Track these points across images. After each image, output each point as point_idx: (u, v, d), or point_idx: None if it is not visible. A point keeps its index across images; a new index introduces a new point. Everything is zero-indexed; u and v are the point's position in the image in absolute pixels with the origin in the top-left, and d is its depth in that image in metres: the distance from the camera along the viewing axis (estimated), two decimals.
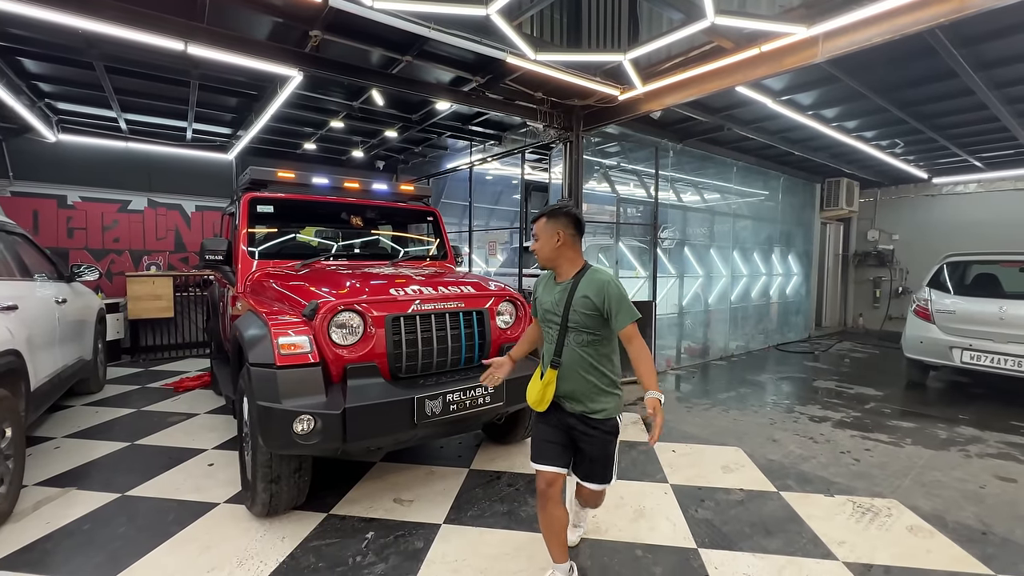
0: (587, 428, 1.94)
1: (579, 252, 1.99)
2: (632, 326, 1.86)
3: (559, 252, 1.95)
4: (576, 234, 1.97)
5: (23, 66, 4.40)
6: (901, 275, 9.58)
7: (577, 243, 1.98)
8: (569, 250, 1.96)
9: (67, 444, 3.65)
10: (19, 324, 2.90)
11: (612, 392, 1.94)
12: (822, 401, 5.02)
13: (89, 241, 6.65)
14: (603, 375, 1.92)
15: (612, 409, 1.93)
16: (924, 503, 2.90)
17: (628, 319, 1.85)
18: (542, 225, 1.96)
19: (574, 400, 1.95)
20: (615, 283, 1.87)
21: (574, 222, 1.96)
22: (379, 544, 2.43)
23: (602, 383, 1.92)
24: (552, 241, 1.94)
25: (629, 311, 1.85)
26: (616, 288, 1.85)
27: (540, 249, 1.98)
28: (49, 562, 2.25)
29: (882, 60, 4.00)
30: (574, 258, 1.97)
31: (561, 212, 1.95)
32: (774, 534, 2.55)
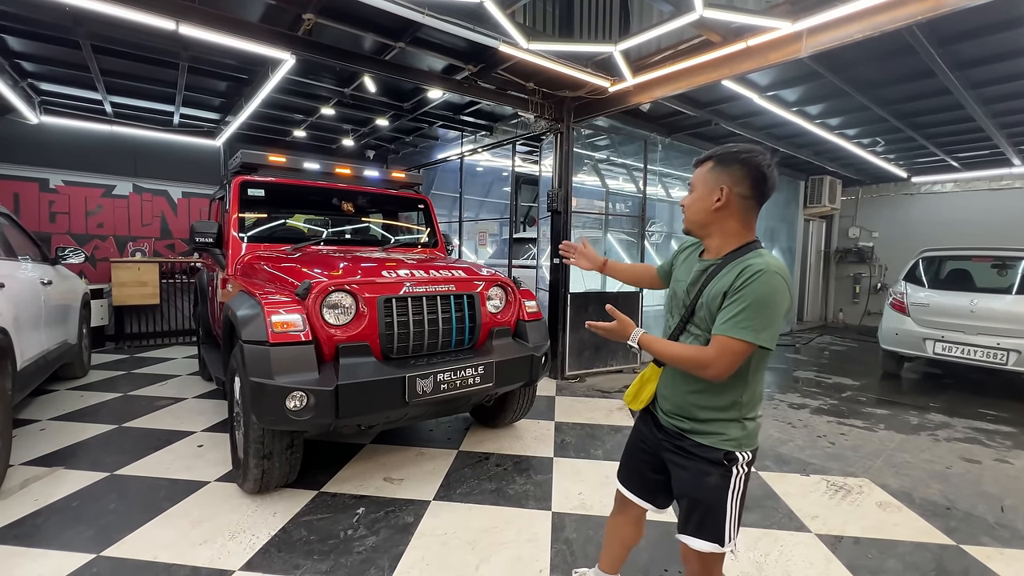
0: (680, 453, 1.41)
1: (748, 225, 1.35)
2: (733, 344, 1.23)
3: (716, 217, 1.35)
4: (752, 197, 1.32)
5: (6, 44, 4.31)
6: (880, 271, 9.85)
7: (750, 212, 1.34)
8: (732, 219, 1.34)
9: (53, 426, 3.63)
10: (5, 302, 2.88)
11: (730, 419, 1.35)
12: (801, 390, 5.17)
13: (72, 226, 6.54)
14: (718, 396, 1.34)
15: (726, 439, 1.34)
16: (893, 481, 3.04)
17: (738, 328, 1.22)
18: (704, 173, 1.37)
19: (672, 414, 1.45)
20: (768, 281, 1.21)
21: (754, 179, 1.30)
22: (370, 519, 2.48)
23: (715, 405, 1.35)
24: (710, 199, 1.34)
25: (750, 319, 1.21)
26: (766, 283, 1.21)
27: (690, 206, 1.40)
28: (40, 536, 2.27)
29: (864, 58, 4.12)
30: (738, 231, 1.35)
31: (738, 159, 1.32)
32: (751, 509, 2.66)
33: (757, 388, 1.38)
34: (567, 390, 4.89)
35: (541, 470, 3.09)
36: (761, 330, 1.22)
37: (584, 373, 5.42)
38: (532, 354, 3.12)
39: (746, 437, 1.37)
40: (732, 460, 1.35)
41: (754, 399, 1.38)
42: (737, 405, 1.35)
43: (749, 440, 1.38)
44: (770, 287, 1.22)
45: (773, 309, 1.23)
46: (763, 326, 1.22)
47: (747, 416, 1.37)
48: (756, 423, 1.40)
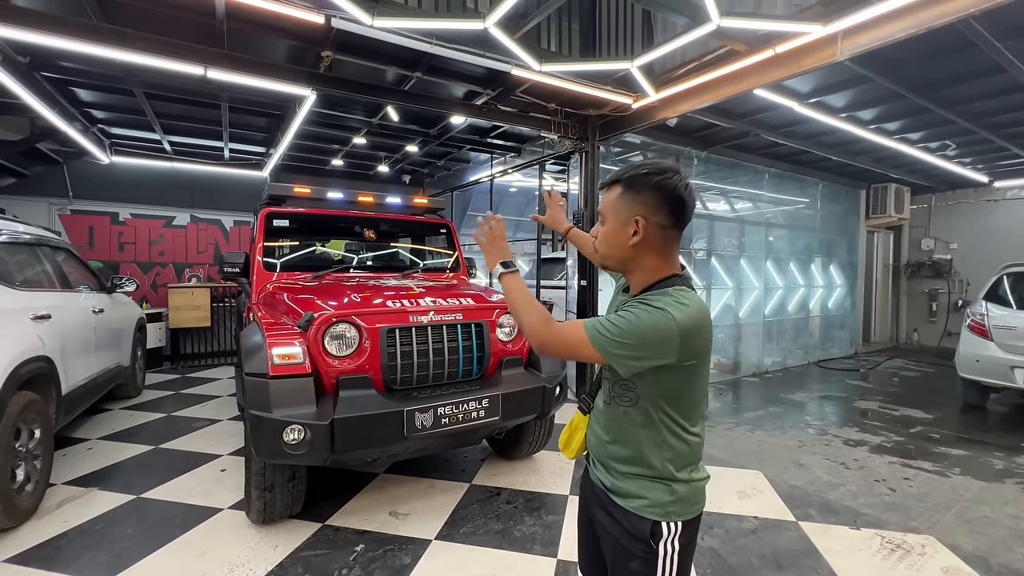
0: (605, 512, 1.21)
1: (668, 258, 1.16)
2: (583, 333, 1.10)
3: (634, 252, 1.15)
4: (672, 226, 1.12)
5: (76, 95, 4.81)
6: (960, 287, 8.83)
7: (670, 243, 1.15)
8: (651, 254, 1.14)
9: (99, 446, 3.87)
10: (52, 333, 3.11)
11: (653, 479, 1.14)
12: (861, 423, 4.64)
13: (137, 254, 7.13)
14: (635, 449, 1.15)
15: (648, 504, 1.13)
16: (966, 541, 2.60)
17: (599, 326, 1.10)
18: (613, 201, 1.15)
19: (596, 463, 1.27)
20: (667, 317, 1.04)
21: (672, 204, 1.10)
22: (367, 558, 2.41)
23: (633, 459, 1.16)
24: (625, 232, 1.13)
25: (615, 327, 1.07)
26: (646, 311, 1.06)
27: (603, 240, 1.19)
28: (59, 559, 2.37)
29: (916, 57, 3.73)
30: (657, 266, 1.15)
31: (650, 184, 1.10)
32: (785, 568, 2.35)
33: (688, 444, 1.14)
34: None
35: (553, 510, 2.92)
36: (611, 341, 1.06)
37: None
38: (544, 385, 2.98)
39: (676, 503, 1.13)
40: (654, 533, 1.12)
41: (685, 455, 1.14)
42: (661, 461, 1.13)
43: (681, 507, 1.13)
44: (648, 316, 1.05)
45: (640, 336, 1.05)
46: (611, 336, 1.06)
47: (677, 477, 1.13)
48: (692, 486, 1.15)
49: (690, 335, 1.06)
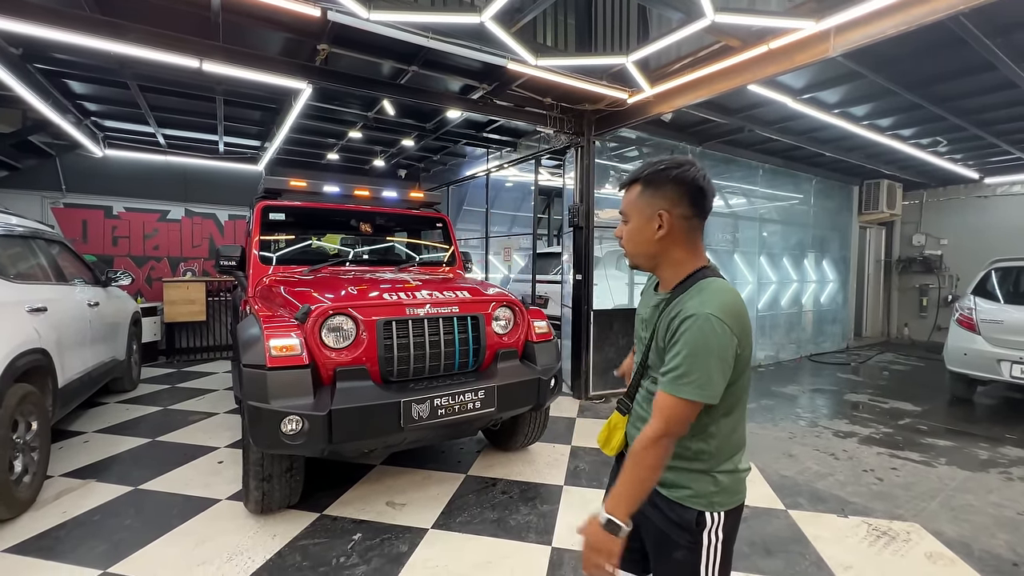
0: (653, 507, 1.21)
1: (694, 250, 1.18)
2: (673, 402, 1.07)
3: (661, 247, 1.17)
4: (695, 216, 1.15)
5: (69, 87, 4.77)
6: (951, 282, 8.93)
7: (694, 233, 1.17)
8: (677, 247, 1.17)
9: (96, 439, 3.88)
10: (47, 325, 3.12)
11: (697, 471, 1.16)
12: (851, 415, 4.72)
13: (132, 248, 7.10)
14: (679, 445, 1.15)
15: (693, 494, 1.15)
16: (949, 528, 2.67)
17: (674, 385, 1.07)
18: (634, 199, 1.19)
19: None
20: (702, 329, 1.05)
21: (692, 195, 1.13)
22: (364, 546, 2.45)
23: (678, 454, 1.16)
24: (650, 228, 1.16)
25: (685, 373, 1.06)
26: (699, 329, 1.06)
27: (629, 239, 1.21)
28: (58, 549, 2.39)
29: (908, 53, 3.77)
30: (685, 258, 1.18)
31: (669, 177, 1.13)
32: (774, 554, 2.41)
33: (732, 435, 1.17)
34: (590, 411, 4.71)
35: (548, 499, 2.96)
36: (704, 385, 1.05)
37: (610, 393, 5.21)
38: (539, 377, 3.02)
39: (719, 494, 1.16)
40: (699, 523, 1.15)
41: (727, 448, 1.17)
42: (704, 455, 1.16)
43: (724, 497, 1.16)
44: (701, 332, 1.05)
45: (704, 357, 1.05)
46: (705, 380, 1.05)
47: (719, 468, 1.16)
48: (734, 476, 1.18)
49: (738, 323, 1.08)
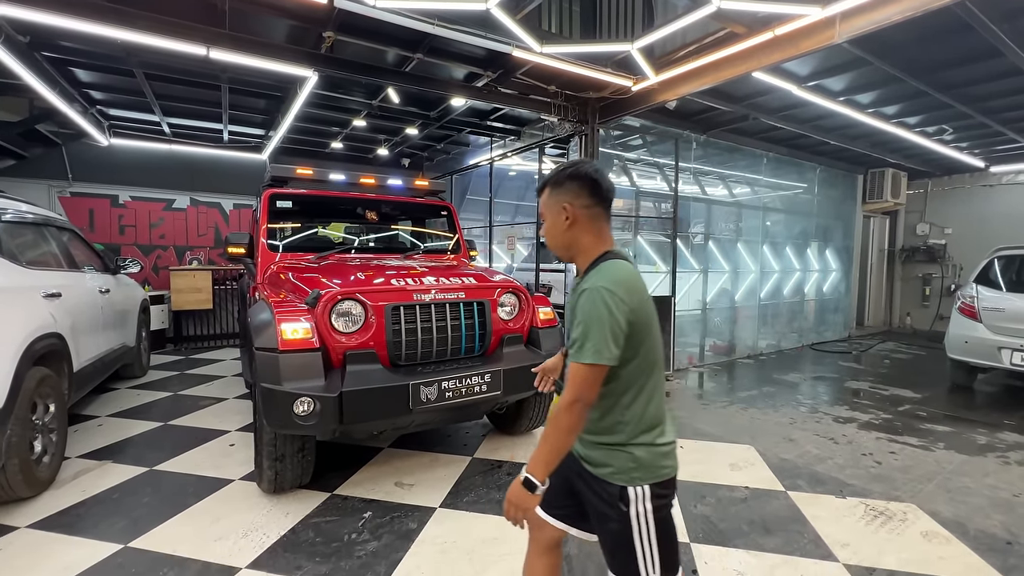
0: (586, 485, 1.32)
1: (600, 235, 1.31)
2: (578, 368, 1.17)
3: (571, 236, 1.31)
4: (595, 204, 1.29)
5: (75, 76, 4.79)
6: (954, 272, 8.94)
7: (599, 220, 1.31)
8: (584, 233, 1.30)
9: (109, 422, 3.97)
10: (62, 310, 3.18)
11: (614, 446, 1.25)
12: (851, 402, 4.77)
13: (138, 237, 7.16)
14: (594, 419, 1.27)
15: (614, 471, 1.25)
16: (945, 509, 2.73)
17: (577, 353, 1.17)
18: (546, 200, 1.35)
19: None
20: (594, 299, 1.18)
21: (589, 186, 1.28)
22: (375, 524, 2.52)
23: (595, 429, 1.27)
24: (560, 220, 1.30)
25: (583, 341, 1.17)
26: (590, 301, 1.18)
27: (548, 234, 1.36)
28: (80, 525, 2.48)
29: (913, 40, 3.76)
30: (591, 244, 1.30)
31: (567, 175, 1.30)
32: (773, 533, 2.47)
33: (645, 411, 1.24)
34: None
35: None
36: (600, 349, 1.15)
37: None
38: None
39: (638, 469, 1.22)
40: (624, 498, 1.22)
41: (641, 423, 1.24)
42: (620, 428, 1.23)
43: (644, 472, 1.22)
44: (592, 302, 1.18)
45: (597, 324, 1.16)
46: (601, 344, 1.15)
47: (635, 442, 1.23)
48: (652, 451, 1.23)
49: (628, 294, 1.19)
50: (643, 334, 1.22)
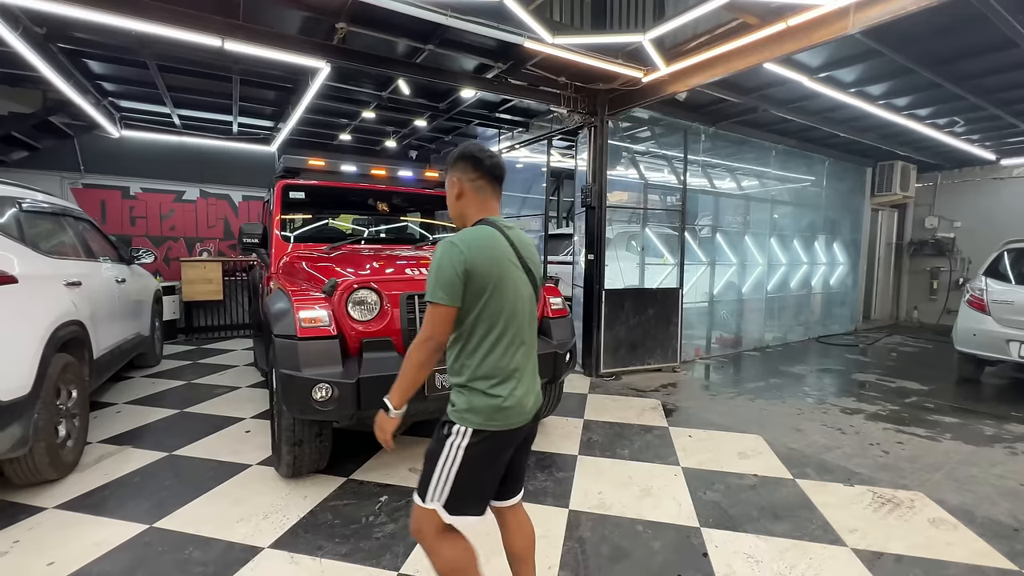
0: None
1: (482, 206, 1.50)
2: (427, 308, 1.37)
3: (461, 207, 1.52)
4: (478, 178, 1.48)
5: (88, 67, 4.83)
6: (962, 265, 8.90)
7: (482, 192, 1.50)
8: (470, 205, 1.50)
9: (127, 409, 4.05)
10: (83, 299, 3.24)
11: (458, 386, 1.45)
12: (858, 394, 4.80)
13: (149, 228, 7.23)
14: (452, 362, 1.47)
15: (453, 408, 1.45)
16: (953, 497, 2.76)
17: (427, 296, 1.37)
18: (446, 179, 1.56)
19: None
20: (441, 249, 1.37)
21: (472, 162, 1.47)
22: (391, 507, 2.58)
23: (451, 373, 1.48)
24: (453, 194, 1.52)
25: (428, 283, 1.37)
26: (438, 251, 1.38)
27: (449, 208, 1.58)
28: (105, 506, 2.55)
29: (928, 30, 3.74)
30: (475, 214, 1.50)
31: (454, 157, 1.51)
32: (783, 518, 2.52)
33: (484, 360, 1.40)
34: (600, 388, 4.82)
35: (564, 467, 3.08)
36: (441, 289, 1.34)
37: (620, 371, 5.31)
38: (556, 351, 3.11)
39: (470, 411, 1.39)
40: (448, 429, 1.42)
41: (481, 368, 1.40)
42: (463, 370, 1.42)
43: (473, 416, 1.39)
44: (438, 252, 1.38)
45: (436, 270, 1.36)
46: (443, 285, 1.34)
47: (472, 386, 1.40)
48: (486, 400, 1.39)
49: (467, 249, 1.35)
50: (483, 288, 1.37)
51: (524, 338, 1.48)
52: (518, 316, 1.45)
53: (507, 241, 1.45)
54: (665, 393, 4.69)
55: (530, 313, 1.52)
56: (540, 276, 1.60)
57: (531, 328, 1.53)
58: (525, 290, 1.49)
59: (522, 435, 1.52)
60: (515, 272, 1.45)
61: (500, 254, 1.42)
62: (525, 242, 1.55)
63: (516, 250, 1.47)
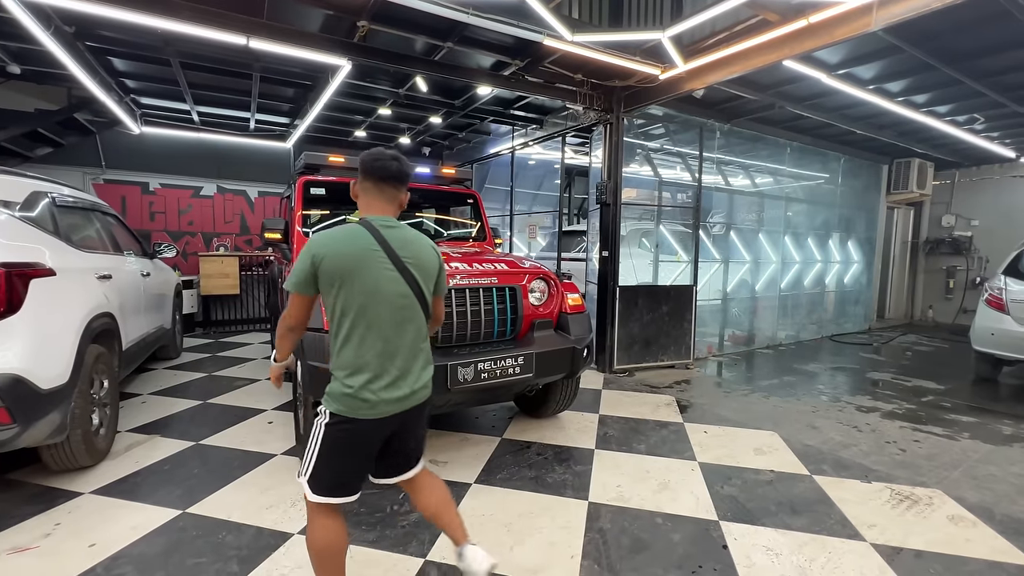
0: None
1: (365, 206, 1.64)
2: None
3: (360, 207, 1.67)
4: (365, 180, 1.63)
5: (113, 65, 4.92)
6: (980, 264, 8.79)
7: (368, 194, 1.64)
8: (362, 204, 1.66)
9: (152, 400, 4.15)
10: (113, 292, 3.33)
11: (333, 373, 1.60)
12: (873, 392, 4.79)
13: (168, 223, 7.36)
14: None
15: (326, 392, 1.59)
16: (972, 495, 2.77)
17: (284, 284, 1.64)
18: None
19: None
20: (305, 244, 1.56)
21: (362, 169, 1.62)
22: None
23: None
24: (353, 196, 1.69)
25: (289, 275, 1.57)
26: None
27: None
28: (138, 492, 2.64)
29: (949, 27, 3.71)
30: (362, 213, 1.65)
31: (358, 162, 1.65)
32: (800, 513, 2.54)
33: (341, 353, 1.54)
34: (614, 384, 4.85)
35: (581, 461, 3.13)
36: (293, 280, 1.53)
37: (633, 367, 5.34)
38: (574, 346, 3.15)
39: (329, 396, 1.55)
40: (317, 410, 1.60)
41: (339, 360, 1.54)
42: (331, 357, 1.58)
43: (330, 401, 1.55)
44: (304, 247, 1.54)
45: (296, 262, 1.54)
46: (294, 277, 1.53)
47: (334, 373, 1.57)
48: (341, 388, 1.52)
49: (320, 247, 1.50)
50: (332, 282, 1.50)
51: (385, 333, 1.54)
52: (375, 311, 1.52)
53: (377, 239, 1.54)
54: (679, 390, 4.71)
55: (400, 309, 1.57)
56: (426, 276, 1.66)
57: (401, 326, 1.58)
58: (391, 287, 1.55)
59: (388, 426, 1.59)
60: (378, 270, 1.53)
61: (356, 251, 1.51)
62: (407, 240, 1.61)
63: (390, 249, 1.55)
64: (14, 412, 2.20)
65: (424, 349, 1.68)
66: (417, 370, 1.63)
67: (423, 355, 1.67)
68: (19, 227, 2.55)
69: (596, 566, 2.10)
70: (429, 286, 1.67)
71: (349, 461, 1.57)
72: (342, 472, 1.57)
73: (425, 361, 1.68)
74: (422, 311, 1.64)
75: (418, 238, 1.68)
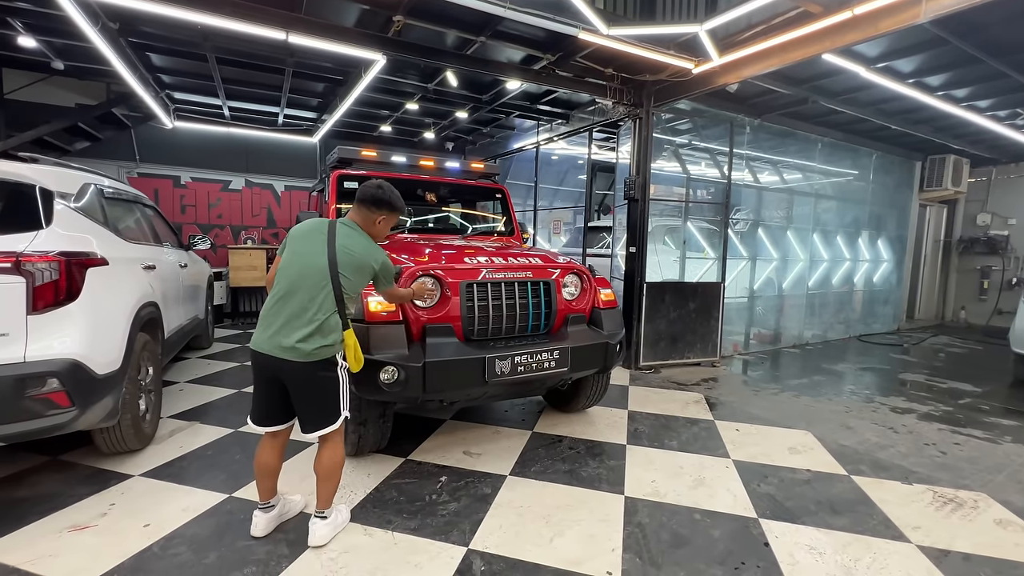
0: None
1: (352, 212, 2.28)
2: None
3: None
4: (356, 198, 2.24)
5: (150, 60, 5.04)
6: (1016, 264, 8.52)
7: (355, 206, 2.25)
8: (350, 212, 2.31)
9: (189, 388, 4.26)
10: (157, 281, 3.43)
11: None
12: (907, 393, 4.69)
13: (198, 216, 7.52)
14: None
15: None
16: (1019, 499, 2.70)
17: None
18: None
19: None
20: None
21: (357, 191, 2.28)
22: (452, 487, 2.68)
23: None
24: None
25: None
26: None
27: None
28: (186, 476, 2.72)
29: (1000, 18, 3.58)
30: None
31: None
32: (841, 513, 2.51)
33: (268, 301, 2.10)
34: (641, 380, 4.83)
35: (614, 456, 3.13)
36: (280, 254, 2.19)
37: (659, 364, 5.31)
38: (607, 341, 3.15)
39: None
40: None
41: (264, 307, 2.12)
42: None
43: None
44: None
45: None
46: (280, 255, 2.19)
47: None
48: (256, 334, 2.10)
49: (289, 236, 2.19)
50: (285, 247, 2.15)
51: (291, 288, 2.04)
52: (290, 270, 2.05)
53: (329, 229, 2.12)
54: (707, 387, 4.68)
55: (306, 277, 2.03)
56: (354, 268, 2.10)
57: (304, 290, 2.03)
58: (312, 260, 2.05)
59: (271, 365, 2.05)
60: (311, 244, 2.08)
61: (306, 234, 2.13)
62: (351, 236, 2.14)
63: (332, 237, 2.09)
64: (73, 396, 2.28)
65: (318, 320, 2.01)
66: (297, 329, 2.00)
67: (314, 325, 2.00)
68: (75, 218, 2.63)
69: (638, 559, 2.11)
70: (352, 276, 2.09)
71: (258, 391, 2.18)
72: (256, 399, 2.21)
73: (314, 330, 2.00)
74: (332, 289, 2.04)
75: (361, 240, 2.16)
